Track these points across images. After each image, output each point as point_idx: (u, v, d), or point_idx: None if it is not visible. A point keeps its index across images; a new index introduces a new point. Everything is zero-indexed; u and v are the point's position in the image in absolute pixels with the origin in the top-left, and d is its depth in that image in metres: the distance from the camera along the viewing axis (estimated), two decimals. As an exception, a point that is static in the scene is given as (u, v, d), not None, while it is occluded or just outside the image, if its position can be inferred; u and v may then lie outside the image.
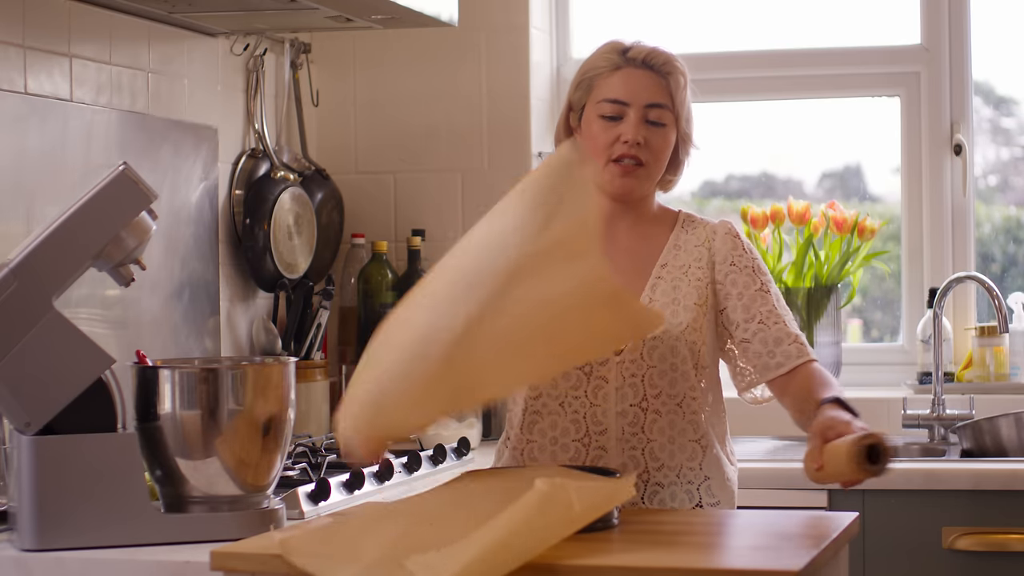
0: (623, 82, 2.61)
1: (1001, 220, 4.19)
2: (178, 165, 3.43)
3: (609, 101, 2.61)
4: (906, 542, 3.29)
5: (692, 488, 2.57)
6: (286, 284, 3.74)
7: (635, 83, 2.61)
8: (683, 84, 2.64)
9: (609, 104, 2.61)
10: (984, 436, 3.58)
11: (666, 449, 2.57)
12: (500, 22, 4.04)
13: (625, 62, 2.62)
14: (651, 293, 2.61)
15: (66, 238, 2.42)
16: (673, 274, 2.63)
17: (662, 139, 2.62)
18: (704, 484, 2.58)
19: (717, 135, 4.29)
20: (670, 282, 2.62)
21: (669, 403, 2.58)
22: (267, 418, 2.46)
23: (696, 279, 2.62)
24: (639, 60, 2.62)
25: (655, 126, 2.61)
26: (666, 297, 2.61)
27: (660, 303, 2.60)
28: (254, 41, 3.73)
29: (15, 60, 2.94)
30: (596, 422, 2.57)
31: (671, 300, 2.60)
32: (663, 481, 2.56)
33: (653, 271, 2.64)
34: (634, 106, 2.60)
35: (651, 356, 2.57)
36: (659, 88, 2.62)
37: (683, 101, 2.63)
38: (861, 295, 4.20)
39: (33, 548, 2.37)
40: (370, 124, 4.12)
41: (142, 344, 3.11)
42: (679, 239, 2.67)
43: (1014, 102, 4.23)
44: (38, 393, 2.39)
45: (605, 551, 2.05)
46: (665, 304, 2.60)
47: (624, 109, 2.60)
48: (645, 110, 2.60)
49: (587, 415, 2.58)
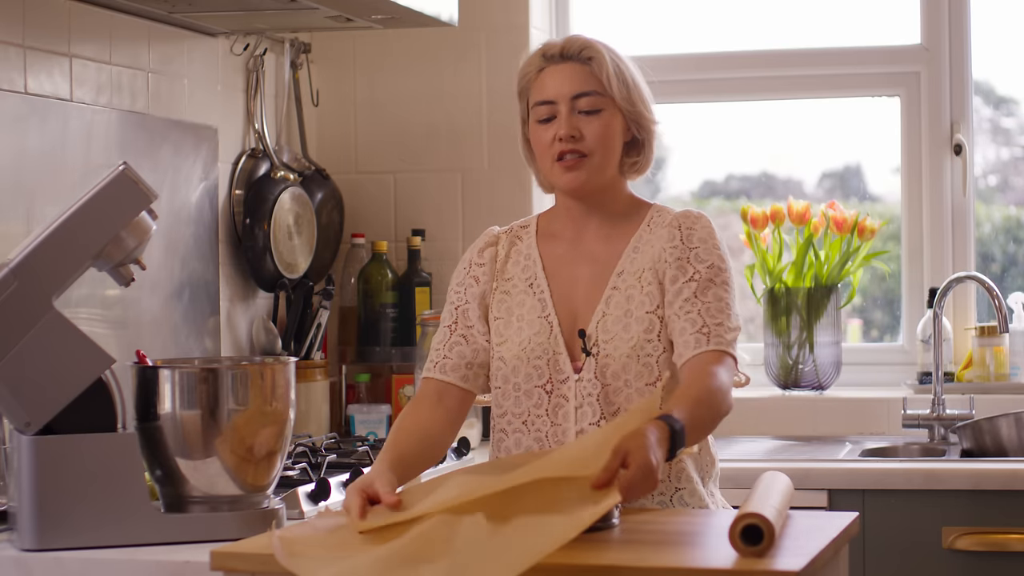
0: (547, 80, 2.57)
1: (1001, 220, 4.19)
2: (178, 165, 3.43)
3: (540, 104, 2.58)
4: (906, 542, 3.29)
5: (665, 499, 2.53)
6: (286, 284, 3.74)
7: (557, 78, 2.57)
8: (608, 62, 2.56)
9: (541, 107, 2.58)
10: (984, 436, 3.58)
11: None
12: (500, 22, 4.04)
13: (546, 61, 2.59)
14: (605, 307, 2.56)
15: (66, 238, 2.42)
16: (628, 282, 2.56)
17: (599, 126, 2.55)
18: (676, 495, 2.54)
19: (717, 135, 4.29)
20: (624, 292, 2.56)
21: None
22: (267, 418, 2.46)
23: (648, 283, 2.55)
24: (556, 55, 2.58)
25: (589, 115, 2.56)
26: (619, 310, 2.55)
27: (613, 317, 2.54)
28: (254, 41, 3.73)
29: (15, 60, 2.94)
30: (557, 441, 2.54)
31: (623, 313, 2.54)
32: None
33: (609, 281, 2.58)
34: (561, 101, 2.56)
35: (604, 375, 2.53)
36: (583, 76, 2.56)
37: (613, 80, 2.56)
38: (861, 295, 4.20)
39: (33, 548, 2.37)
40: (370, 124, 4.12)
41: (142, 344, 3.11)
42: (640, 240, 2.60)
43: (1014, 102, 4.23)
44: (38, 393, 2.39)
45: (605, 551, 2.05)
46: (618, 318, 2.54)
47: (554, 108, 2.56)
48: (573, 102, 2.55)
49: (549, 434, 2.55)
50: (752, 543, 2.01)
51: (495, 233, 2.69)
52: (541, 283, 2.61)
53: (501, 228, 2.70)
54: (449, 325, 2.63)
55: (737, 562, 1.99)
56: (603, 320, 2.55)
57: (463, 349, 2.60)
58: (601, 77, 2.56)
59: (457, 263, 2.71)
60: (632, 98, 2.59)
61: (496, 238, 2.67)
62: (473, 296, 2.63)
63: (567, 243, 2.63)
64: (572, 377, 2.55)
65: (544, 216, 2.69)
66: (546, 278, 2.61)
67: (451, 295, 2.66)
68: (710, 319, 2.50)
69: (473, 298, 2.63)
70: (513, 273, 2.63)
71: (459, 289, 2.65)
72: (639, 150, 2.64)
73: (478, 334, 2.61)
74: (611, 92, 2.56)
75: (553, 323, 2.57)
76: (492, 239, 2.67)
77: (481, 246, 2.67)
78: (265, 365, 2.50)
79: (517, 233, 2.68)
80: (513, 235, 2.67)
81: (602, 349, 2.53)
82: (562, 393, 2.55)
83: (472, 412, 3.67)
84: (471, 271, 2.65)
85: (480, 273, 2.64)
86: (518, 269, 2.63)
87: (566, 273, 2.61)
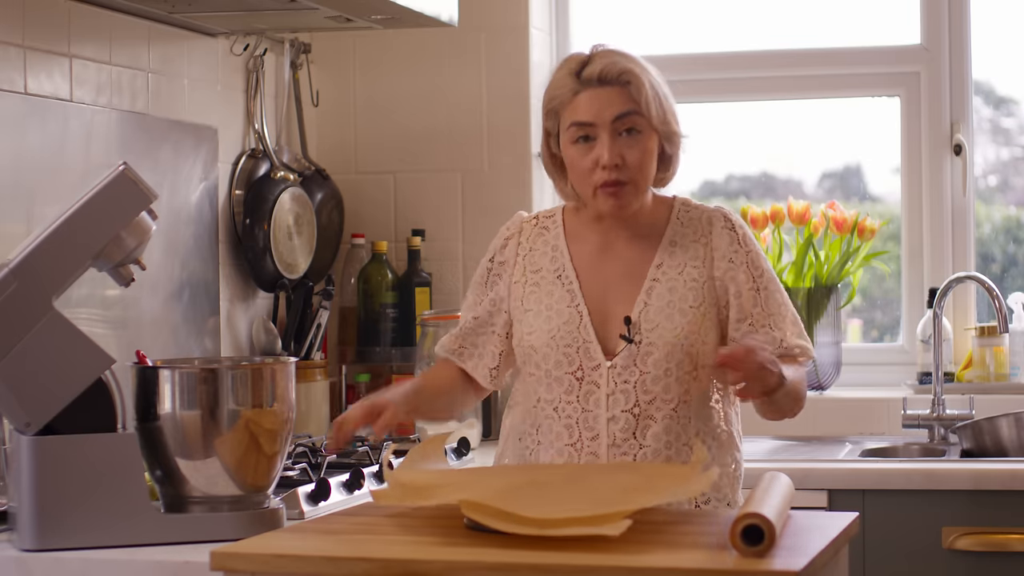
0: (585, 105, 2.57)
1: (1001, 220, 4.19)
2: (178, 165, 3.43)
3: (577, 125, 2.58)
4: (906, 542, 3.29)
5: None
6: (286, 284, 3.74)
7: (597, 102, 2.56)
8: (646, 85, 2.58)
9: (578, 127, 2.58)
10: (984, 436, 3.58)
11: (662, 455, 2.56)
12: (500, 22, 4.04)
13: (582, 85, 2.58)
14: (646, 298, 2.60)
15: (66, 238, 2.42)
16: (669, 275, 2.61)
17: (640, 149, 2.57)
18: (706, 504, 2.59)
19: (717, 135, 4.29)
20: (666, 284, 2.60)
21: (664, 408, 2.56)
22: (267, 418, 2.46)
23: (692, 279, 2.61)
24: (595, 79, 2.57)
25: (630, 135, 2.57)
26: (661, 301, 2.59)
27: (656, 307, 2.58)
28: (254, 41, 3.73)
29: (15, 60, 2.94)
30: (588, 427, 2.57)
31: (666, 304, 2.59)
32: None
33: (648, 273, 2.62)
34: (601, 125, 2.56)
35: (644, 363, 2.57)
36: (622, 98, 2.57)
37: (651, 101, 2.57)
38: (861, 295, 4.19)
39: (33, 548, 2.37)
40: (370, 124, 4.12)
41: (142, 344, 3.11)
42: (675, 234, 2.64)
43: (1014, 102, 4.23)
44: (38, 393, 2.39)
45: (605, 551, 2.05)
46: (660, 308, 2.58)
47: (594, 130, 2.57)
48: (614, 124, 2.56)
49: (579, 420, 2.57)
50: (753, 543, 2.01)
51: (518, 223, 2.73)
52: (570, 274, 2.64)
53: (527, 216, 2.75)
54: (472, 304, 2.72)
55: (737, 562, 1.99)
56: (645, 310, 2.59)
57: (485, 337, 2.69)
58: (640, 100, 2.58)
59: (457, 263, 2.74)
60: (667, 118, 2.62)
61: (520, 228, 2.72)
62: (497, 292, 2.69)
63: (595, 246, 2.67)
64: (605, 364, 2.57)
65: (570, 212, 2.71)
66: (575, 270, 2.64)
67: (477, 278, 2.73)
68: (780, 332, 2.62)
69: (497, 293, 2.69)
70: (541, 264, 2.67)
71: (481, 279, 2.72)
72: (668, 164, 2.67)
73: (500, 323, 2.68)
74: (650, 115, 2.58)
75: (583, 312, 2.60)
76: (515, 229, 2.72)
77: (502, 241, 2.72)
78: (265, 365, 2.50)
79: (544, 224, 2.70)
80: (540, 227, 2.70)
81: (645, 337, 2.56)
82: (593, 380, 2.58)
83: (472, 412, 3.66)
84: (494, 268, 2.71)
85: (502, 271, 2.70)
86: (546, 260, 2.67)
87: (596, 269, 2.65)
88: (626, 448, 2.55)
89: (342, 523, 2.33)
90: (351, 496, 2.88)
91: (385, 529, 2.26)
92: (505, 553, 2.05)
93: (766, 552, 2.01)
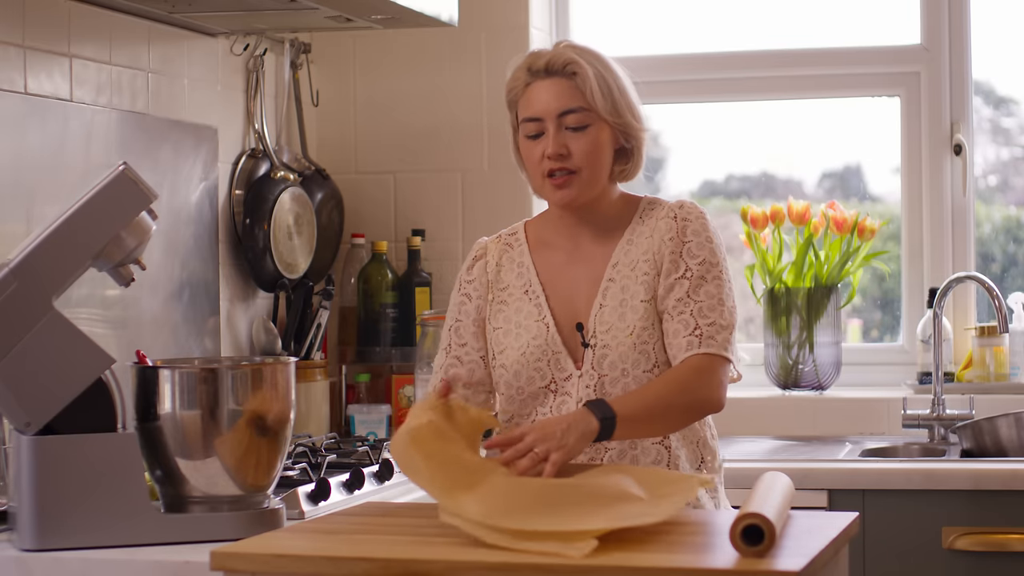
0: (534, 98, 2.57)
1: (1001, 220, 4.19)
2: (178, 165, 3.43)
3: (527, 120, 2.58)
4: (906, 542, 3.29)
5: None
6: (286, 284, 3.74)
7: (543, 95, 2.56)
8: (591, 77, 2.55)
9: (529, 123, 2.57)
10: (984, 436, 3.58)
11: (627, 455, 2.55)
12: (500, 22, 4.04)
13: (532, 76, 2.58)
14: (602, 299, 2.58)
15: (66, 238, 2.42)
16: (623, 273, 2.58)
17: (587, 142, 2.55)
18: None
19: (717, 135, 4.29)
20: (619, 283, 2.58)
21: None
22: (267, 418, 2.46)
23: (644, 273, 2.58)
24: (542, 70, 2.57)
25: (576, 131, 2.55)
26: (615, 300, 2.57)
27: (610, 307, 2.57)
28: (254, 41, 3.73)
29: (15, 60, 2.94)
30: None
31: (619, 303, 2.57)
32: None
33: (605, 273, 2.60)
34: (548, 119, 2.55)
35: (601, 365, 2.55)
36: (569, 92, 2.55)
37: (596, 95, 2.55)
38: (861, 295, 4.19)
39: (33, 548, 2.37)
40: (370, 124, 4.12)
41: (142, 344, 3.11)
42: (634, 232, 2.61)
43: (1014, 102, 4.23)
44: (38, 393, 2.39)
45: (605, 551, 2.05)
46: (614, 308, 2.56)
47: (542, 125, 2.56)
48: (560, 119, 2.55)
49: None
50: (753, 543, 2.01)
51: (483, 244, 2.71)
52: (536, 288, 2.63)
53: (489, 238, 2.71)
54: (445, 347, 2.68)
55: (738, 562, 1.99)
56: (600, 312, 2.58)
57: (458, 372, 2.63)
58: (585, 92, 2.56)
59: (457, 263, 2.74)
60: (618, 110, 2.58)
61: (484, 249, 2.70)
62: (467, 313, 2.66)
63: (562, 251, 2.65)
64: (575, 374, 2.56)
65: (533, 224, 2.70)
66: (541, 284, 2.63)
67: (448, 313, 2.70)
68: (702, 319, 2.53)
69: (467, 315, 2.66)
70: (508, 281, 2.65)
71: (453, 309, 2.69)
72: (628, 158, 2.64)
73: (472, 351, 2.65)
74: (596, 107, 2.56)
75: (549, 324, 2.59)
76: (480, 251, 2.70)
77: (469, 263, 2.71)
78: (265, 365, 2.50)
79: (507, 241, 2.69)
80: (503, 243, 2.69)
81: (600, 340, 2.55)
82: (566, 391, 2.57)
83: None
84: (462, 288, 2.69)
85: (471, 289, 2.68)
86: (512, 276, 2.65)
87: (563, 277, 2.63)
88: (592, 453, 2.54)
89: (342, 523, 2.33)
90: (351, 496, 2.88)
91: (385, 529, 2.26)
92: (505, 553, 2.05)
93: (766, 552, 2.01)
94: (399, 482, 3.09)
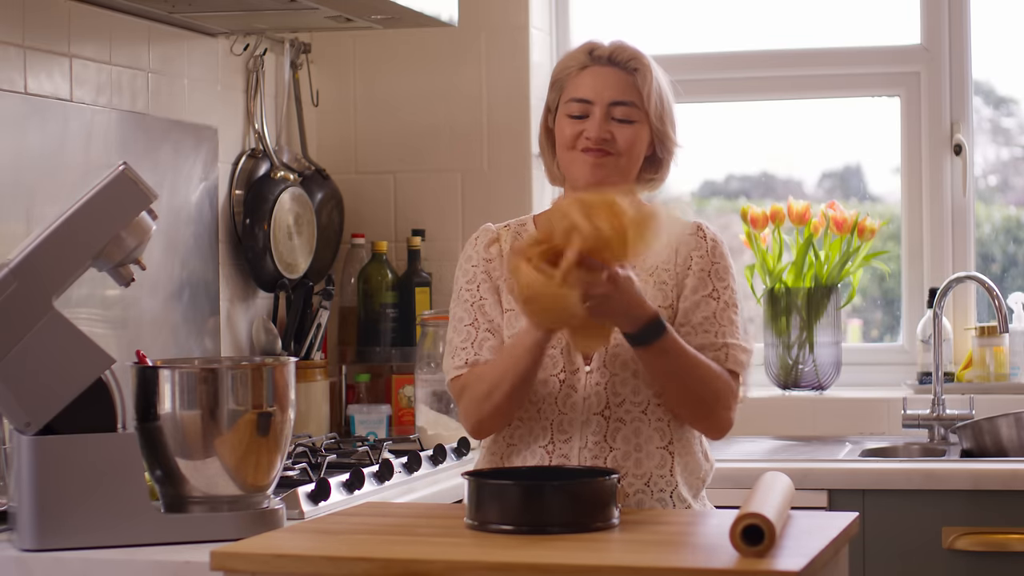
0: (588, 80, 2.58)
1: (1001, 220, 4.19)
2: (178, 165, 3.43)
3: (575, 100, 2.58)
4: (906, 542, 3.29)
5: (664, 496, 2.55)
6: (286, 284, 3.74)
7: (600, 81, 2.58)
8: (651, 80, 2.58)
9: (576, 103, 2.58)
10: (984, 436, 3.58)
11: (631, 457, 2.55)
12: (500, 22, 4.04)
13: (591, 60, 2.60)
14: None
15: (66, 238, 2.42)
16: (640, 277, 2.57)
17: (631, 134, 2.57)
18: (675, 491, 2.56)
19: (717, 135, 4.29)
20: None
21: (633, 411, 2.55)
22: (267, 418, 2.46)
23: (662, 281, 2.59)
24: (604, 57, 2.59)
25: (622, 123, 2.57)
26: None
27: None
28: (254, 41, 3.73)
29: (15, 60, 2.94)
30: (562, 430, 2.55)
31: None
32: (628, 490, 2.53)
33: None
34: (598, 104, 2.57)
35: (613, 364, 2.56)
36: (625, 85, 2.58)
37: (652, 96, 2.58)
38: (861, 295, 4.20)
39: (33, 548, 2.37)
40: (370, 124, 4.12)
41: (142, 344, 3.11)
42: None
43: (1014, 102, 4.23)
44: (38, 393, 2.39)
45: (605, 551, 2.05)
46: None
47: (590, 108, 2.57)
48: (610, 108, 2.57)
49: (554, 422, 2.56)
50: (753, 543, 2.01)
51: (494, 229, 2.68)
52: None
53: (496, 224, 2.70)
54: (471, 323, 2.61)
55: (738, 562, 1.99)
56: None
57: (493, 343, 2.60)
58: (642, 90, 2.58)
59: (457, 263, 2.71)
60: (664, 118, 2.61)
61: (497, 235, 2.67)
62: (488, 291, 2.63)
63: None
64: (583, 368, 2.56)
65: (542, 218, 2.68)
66: None
67: (463, 293, 2.64)
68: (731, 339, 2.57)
69: (489, 292, 2.63)
70: None
71: (470, 287, 2.64)
72: (657, 168, 2.66)
73: (501, 327, 2.61)
74: (647, 107, 2.58)
75: None
76: (494, 236, 2.67)
77: (486, 242, 2.66)
78: (265, 365, 2.50)
79: (517, 231, 2.68)
80: (513, 232, 2.67)
81: (614, 339, 2.54)
82: (572, 384, 2.56)
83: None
84: (481, 266, 2.64)
85: (491, 268, 2.64)
86: None
87: None
88: (596, 451, 2.54)
89: (342, 523, 2.33)
90: (351, 496, 2.88)
91: (385, 529, 2.26)
92: (505, 553, 2.05)
93: (766, 552, 2.01)
94: (399, 482, 3.09)
